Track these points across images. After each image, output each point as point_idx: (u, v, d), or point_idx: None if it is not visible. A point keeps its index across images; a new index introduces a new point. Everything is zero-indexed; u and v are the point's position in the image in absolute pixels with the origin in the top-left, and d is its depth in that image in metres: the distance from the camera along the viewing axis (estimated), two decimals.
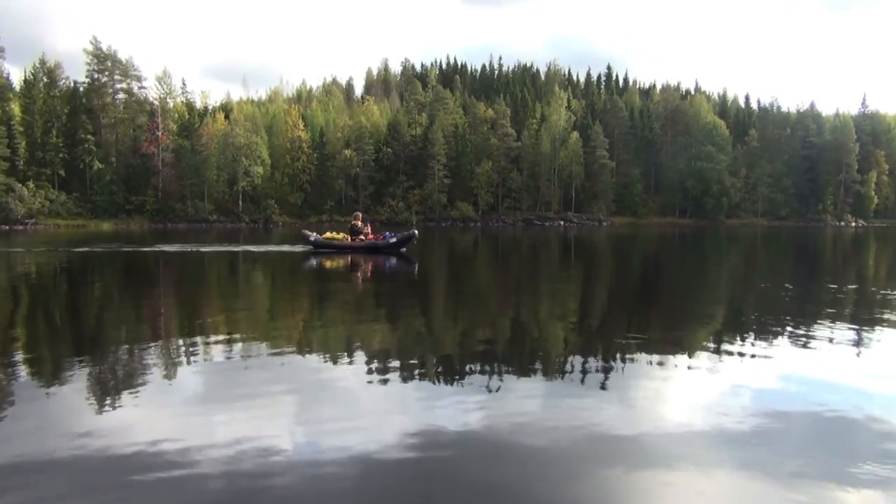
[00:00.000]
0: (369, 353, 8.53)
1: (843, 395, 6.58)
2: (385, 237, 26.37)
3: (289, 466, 4.69)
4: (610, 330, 10.98)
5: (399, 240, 26.02)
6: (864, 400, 6.37)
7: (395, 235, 26.50)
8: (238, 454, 4.88)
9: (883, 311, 12.57)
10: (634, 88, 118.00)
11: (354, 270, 20.30)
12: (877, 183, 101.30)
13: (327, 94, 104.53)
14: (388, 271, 20.28)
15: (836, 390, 6.78)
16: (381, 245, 25.81)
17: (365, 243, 26.01)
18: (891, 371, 7.53)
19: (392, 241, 25.84)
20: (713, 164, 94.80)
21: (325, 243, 26.39)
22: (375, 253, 25.10)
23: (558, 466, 4.75)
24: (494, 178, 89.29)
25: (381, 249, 25.56)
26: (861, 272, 23.13)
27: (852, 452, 5.02)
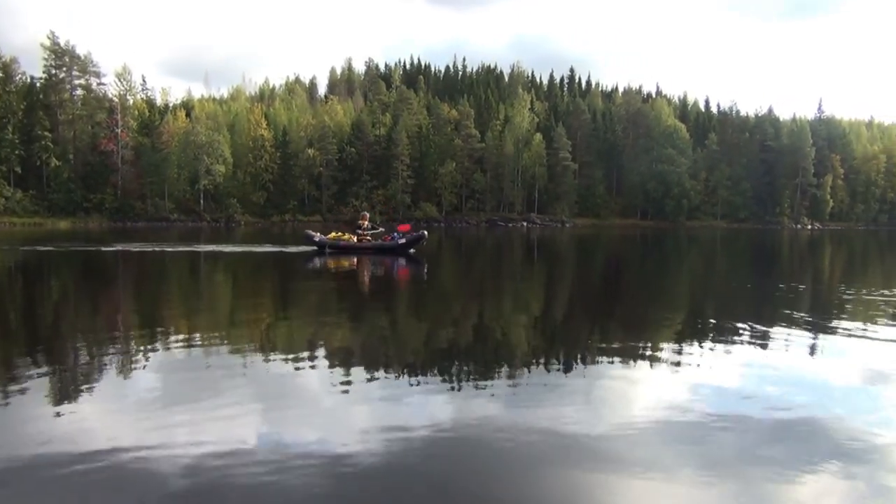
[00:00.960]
0: (333, 352, 8.49)
1: (801, 394, 6.70)
2: (393, 238, 25.90)
3: (252, 467, 4.64)
4: (572, 331, 11.08)
5: (408, 241, 25.70)
6: (821, 399, 6.49)
7: (404, 236, 26.13)
8: (201, 455, 4.81)
9: (838, 311, 12.86)
10: (597, 91, 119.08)
11: (359, 272, 20.03)
12: (832, 187, 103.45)
13: (290, 92, 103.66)
14: (395, 272, 20.01)
15: (795, 390, 6.90)
16: (389, 246, 25.39)
17: (372, 244, 25.64)
18: (846, 370, 7.70)
19: (401, 242, 25.47)
20: (674, 166, 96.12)
21: (331, 244, 25.85)
22: (383, 254, 24.71)
23: (523, 466, 4.77)
24: (458, 179, 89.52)
25: (389, 250, 25.15)
26: (817, 273, 23.64)
27: (810, 451, 5.11)
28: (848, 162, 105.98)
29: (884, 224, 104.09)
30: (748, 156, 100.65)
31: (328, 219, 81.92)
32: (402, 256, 24.49)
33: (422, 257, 24.54)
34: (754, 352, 8.81)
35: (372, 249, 25.34)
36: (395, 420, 5.67)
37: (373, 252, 25.04)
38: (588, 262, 26.58)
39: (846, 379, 7.35)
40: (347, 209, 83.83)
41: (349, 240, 25.91)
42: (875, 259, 33.01)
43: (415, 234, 26.73)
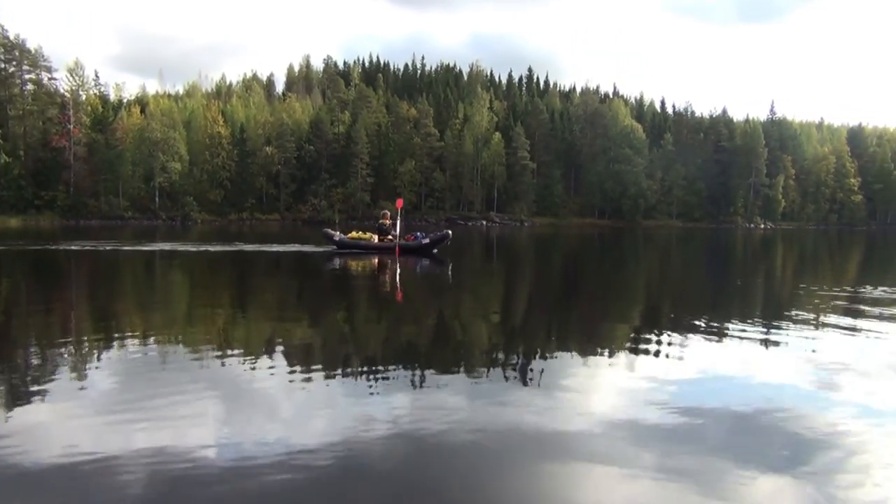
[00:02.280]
0: (293, 352, 8.44)
1: (756, 389, 6.83)
2: (416, 237, 25.31)
3: (212, 469, 4.58)
4: (532, 328, 11.16)
5: (432, 240, 25.14)
6: (775, 393, 6.61)
7: (428, 236, 25.64)
8: (158, 459, 4.72)
9: (791, 307, 13.16)
10: (555, 91, 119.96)
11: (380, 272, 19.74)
12: (784, 187, 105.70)
13: (248, 89, 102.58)
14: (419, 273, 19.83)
15: (750, 385, 7.04)
16: (412, 246, 24.74)
17: (393, 244, 24.83)
18: (799, 365, 7.86)
19: (425, 242, 24.88)
20: (630, 166, 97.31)
21: (351, 243, 25.24)
22: (406, 254, 24.09)
23: (484, 462, 4.79)
24: (417, 178, 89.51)
25: (412, 250, 24.54)
26: (770, 271, 24.14)
27: (765, 445, 5.21)
28: (799, 163, 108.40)
29: (833, 223, 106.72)
30: (703, 156, 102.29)
31: (286, 217, 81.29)
32: (426, 256, 23.99)
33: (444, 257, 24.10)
34: (711, 347, 8.97)
35: (393, 249, 24.54)
36: (356, 419, 5.64)
37: (394, 252, 24.28)
38: (547, 260, 26.74)
39: (801, 373, 7.50)
40: (306, 208, 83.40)
41: (370, 239, 25.24)
42: (825, 257, 33.83)
43: (439, 233, 26.17)
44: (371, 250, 24.68)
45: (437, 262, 22.68)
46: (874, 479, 4.65)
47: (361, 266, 21.04)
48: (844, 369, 7.67)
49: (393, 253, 24.08)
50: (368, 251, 24.63)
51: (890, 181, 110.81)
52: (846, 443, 5.29)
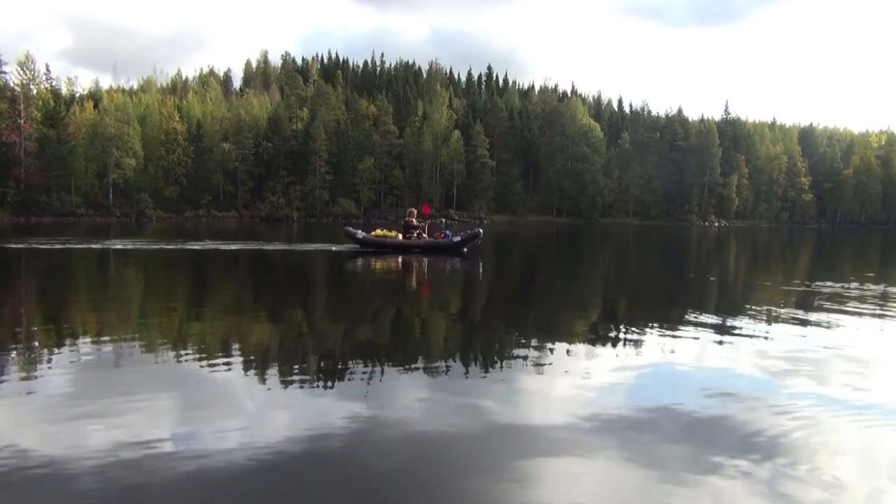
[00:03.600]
0: (251, 349, 8.40)
1: (711, 381, 6.97)
2: (446, 236, 24.83)
3: (169, 469, 4.53)
4: (491, 324, 11.24)
5: (462, 239, 24.62)
6: (729, 385, 6.76)
7: (458, 234, 25.15)
8: (113, 459, 4.65)
9: (743, 301, 13.48)
10: (514, 89, 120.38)
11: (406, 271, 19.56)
12: (738, 186, 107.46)
13: (204, 85, 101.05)
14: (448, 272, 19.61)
15: (705, 377, 7.19)
16: (442, 244, 24.26)
17: (422, 242, 24.37)
18: (752, 357, 8.04)
19: (455, 241, 24.36)
20: (588, 164, 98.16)
21: (376, 242, 24.63)
22: (434, 253, 23.64)
23: (445, 458, 4.83)
24: (377, 175, 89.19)
25: (442, 249, 24.08)
26: (723, 266, 24.63)
27: (721, 435, 5.34)
28: (752, 162, 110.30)
29: (785, 221, 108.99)
30: (659, 155, 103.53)
31: (244, 215, 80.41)
32: (457, 255, 23.61)
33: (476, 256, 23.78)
34: (668, 341, 9.13)
35: (422, 248, 24.15)
36: (316, 416, 5.64)
37: (424, 251, 23.92)
38: (506, 257, 26.89)
39: (754, 365, 7.68)
40: (264, 205, 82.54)
41: (395, 237, 24.66)
42: (777, 254, 34.60)
43: (469, 231, 25.62)
44: (395, 249, 24.15)
45: (467, 261, 22.41)
46: (826, 465, 4.80)
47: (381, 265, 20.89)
48: (795, 361, 7.90)
49: (418, 252, 23.69)
50: (393, 250, 24.10)
51: (839, 180, 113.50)
52: (799, 431, 5.44)
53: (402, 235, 24.68)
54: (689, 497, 4.27)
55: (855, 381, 7.09)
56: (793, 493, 4.31)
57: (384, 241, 24.51)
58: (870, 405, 6.23)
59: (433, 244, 24.25)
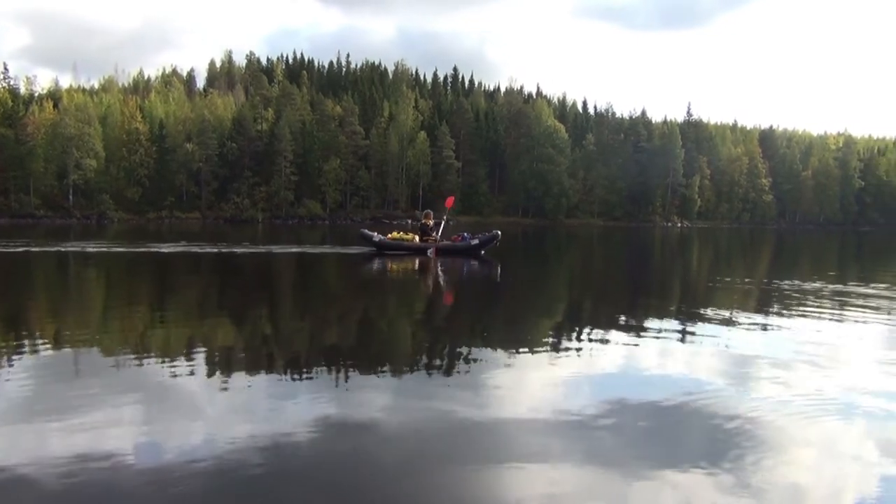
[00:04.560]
0: (213, 353, 8.34)
1: (674, 380, 7.09)
2: (464, 238, 24.49)
3: (132, 477, 4.46)
4: (455, 325, 11.28)
5: (481, 241, 24.33)
6: (692, 384, 6.86)
7: (477, 237, 24.85)
8: (74, 467, 4.55)
9: (705, 301, 13.71)
10: (479, 90, 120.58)
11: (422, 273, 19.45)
12: (700, 187, 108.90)
13: (167, 84, 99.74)
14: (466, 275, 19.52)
15: (668, 377, 7.31)
16: (460, 247, 23.96)
17: (440, 245, 24.01)
18: (714, 356, 8.19)
19: (473, 244, 24.07)
20: (553, 166, 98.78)
21: (392, 244, 24.30)
22: (453, 255, 23.40)
23: (413, 460, 4.85)
24: (343, 176, 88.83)
25: (460, 251, 23.80)
26: (686, 266, 25.00)
27: (684, 434, 5.46)
28: (714, 163, 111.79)
29: (746, 222, 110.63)
30: (623, 156, 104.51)
31: (207, 216, 79.62)
32: (475, 258, 23.43)
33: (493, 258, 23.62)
34: (632, 341, 9.24)
35: (440, 251, 23.81)
36: (281, 421, 5.61)
37: (441, 254, 23.60)
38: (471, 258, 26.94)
39: (716, 365, 7.82)
40: (228, 206, 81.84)
41: (412, 240, 24.38)
42: (738, 254, 35.17)
43: (487, 234, 25.33)
44: (412, 251, 23.90)
45: (485, 264, 22.30)
46: (789, 461, 4.93)
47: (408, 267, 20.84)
48: (757, 359, 8.06)
49: (440, 254, 23.47)
50: (409, 252, 23.82)
51: (798, 182, 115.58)
52: (761, 428, 5.55)
53: (418, 238, 24.47)
54: (654, 495, 4.33)
55: (815, 377, 7.25)
56: (757, 489, 4.40)
57: (402, 244, 24.33)
58: (830, 401, 6.37)
59: (451, 247, 24.08)
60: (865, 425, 5.80)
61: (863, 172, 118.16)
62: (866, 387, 6.96)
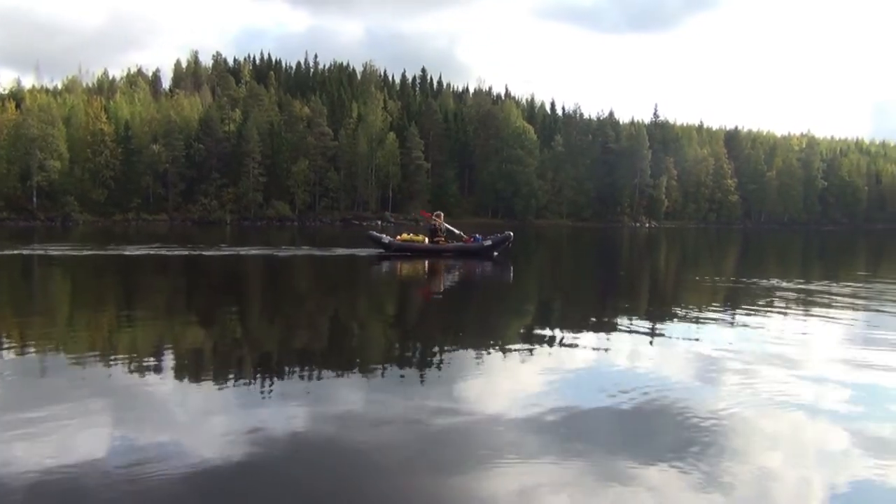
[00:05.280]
0: (183, 356, 8.30)
1: (644, 378, 7.15)
2: (476, 239, 24.31)
3: (102, 481, 4.40)
4: (426, 326, 11.33)
5: (494, 242, 24.21)
6: (662, 386, 6.92)
7: (489, 238, 24.70)
8: (42, 473, 4.48)
9: (674, 300, 13.92)
10: (448, 92, 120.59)
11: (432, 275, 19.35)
12: (667, 187, 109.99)
13: (132, 85, 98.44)
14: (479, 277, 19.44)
15: (638, 375, 7.38)
16: (473, 248, 23.84)
17: (452, 246, 23.95)
18: (684, 357, 8.31)
19: (486, 245, 23.95)
20: (522, 166, 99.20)
21: (403, 246, 24.07)
22: (466, 257, 23.30)
23: (386, 462, 4.85)
24: (311, 177, 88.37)
25: (472, 253, 23.66)
26: (654, 266, 25.29)
27: (654, 431, 5.53)
28: (681, 164, 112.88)
29: (712, 222, 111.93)
30: (591, 157, 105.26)
31: (175, 218, 78.77)
32: (488, 259, 23.30)
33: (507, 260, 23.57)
34: (602, 340, 9.37)
35: (452, 252, 23.75)
36: (253, 423, 5.56)
37: (453, 255, 23.53)
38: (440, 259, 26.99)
39: (684, 363, 7.94)
40: (196, 207, 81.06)
41: (422, 241, 24.22)
42: (705, 253, 35.67)
43: (500, 235, 25.29)
44: (422, 253, 23.77)
45: (498, 265, 22.25)
46: (757, 457, 5.02)
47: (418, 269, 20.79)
48: (724, 357, 8.20)
49: (446, 255, 23.43)
50: (422, 254, 23.69)
51: (763, 182, 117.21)
52: (729, 425, 5.66)
53: (428, 239, 24.38)
54: (628, 491, 4.40)
55: (782, 374, 7.39)
56: (726, 485, 4.49)
57: (412, 246, 24.21)
58: (796, 398, 6.51)
59: (464, 248, 24.00)
60: (831, 420, 5.93)
61: (825, 173, 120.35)
62: (832, 383, 7.14)
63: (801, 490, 4.57)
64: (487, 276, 20.47)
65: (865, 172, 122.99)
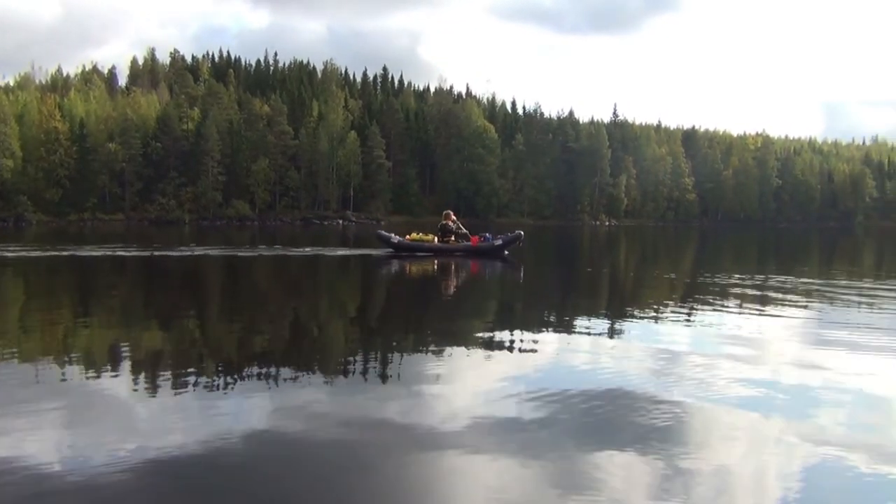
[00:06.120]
0: (140, 359, 8.18)
1: (605, 378, 7.19)
2: (486, 239, 24.16)
3: (59, 488, 4.29)
4: (388, 325, 11.34)
5: (504, 242, 24.08)
6: (622, 381, 6.98)
7: (499, 237, 24.56)
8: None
9: (634, 298, 14.10)
10: (410, 91, 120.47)
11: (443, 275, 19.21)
12: (626, 186, 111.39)
13: (87, 82, 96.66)
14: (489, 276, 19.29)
15: (599, 372, 7.45)
16: (483, 248, 23.62)
17: (461, 246, 23.69)
18: (644, 353, 8.38)
19: (497, 244, 23.81)
20: (483, 165, 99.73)
21: (411, 246, 23.86)
22: (476, 256, 23.09)
23: (351, 461, 4.84)
24: (272, 176, 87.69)
25: (483, 253, 23.46)
26: (615, 263, 25.59)
27: (616, 429, 5.56)
28: (639, 163, 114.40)
29: (670, 220, 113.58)
30: (552, 156, 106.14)
31: (132, 217, 77.58)
32: (499, 259, 23.14)
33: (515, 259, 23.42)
34: (563, 337, 9.45)
35: (462, 252, 23.56)
36: (215, 426, 5.51)
37: (464, 255, 23.35)
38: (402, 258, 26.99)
39: (643, 360, 8.00)
40: (153, 207, 79.96)
41: (431, 241, 24.01)
42: (664, 251, 36.20)
43: (510, 234, 25.15)
44: (434, 253, 23.62)
45: (509, 265, 22.16)
46: (716, 451, 5.12)
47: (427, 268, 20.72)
48: (683, 353, 8.33)
49: (456, 255, 23.32)
50: (431, 254, 23.54)
51: (719, 181, 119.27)
52: (688, 420, 5.77)
53: (437, 239, 24.24)
54: (589, 484, 4.45)
55: (739, 369, 7.53)
56: (685, 479, 4.56)
57: (421, 245, 24.08)
58: (753, 392, 6.65)
59: (473, 248, 23.88)
60: (786, 412, 6.06)
61: (780, 172, 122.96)
62: (786, 376, 7.31)
63: (756, 480, 4.66)
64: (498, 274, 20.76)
65: (818, 171, 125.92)
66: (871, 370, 7.62)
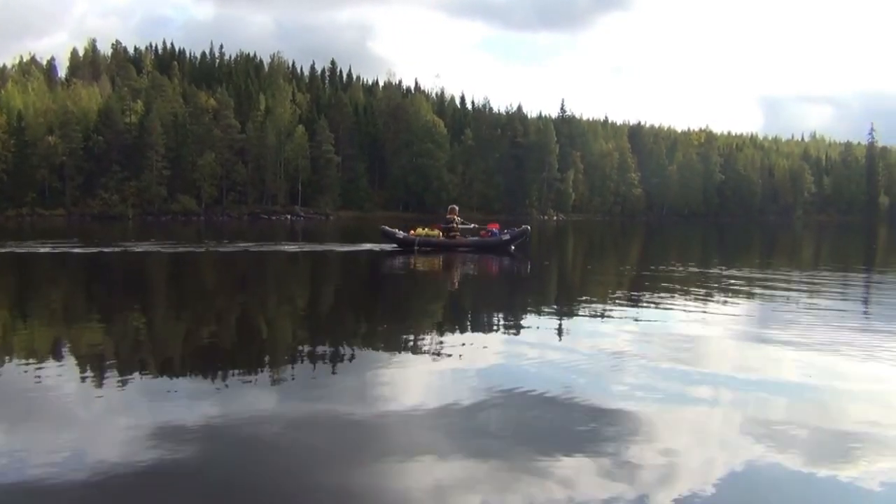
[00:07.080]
0: (84, 356, 8.03)
1: (553, 373, 7.32)
2: (493, 234, 23.90)
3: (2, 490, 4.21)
4: (338, 322, 11.32)
5: (511, 237, 23.95)
6: (569, 379, 7.05)
7: (507, 232, 24.30)
8: None
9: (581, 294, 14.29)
10: (358, 85, 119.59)
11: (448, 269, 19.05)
12: (574, 181, 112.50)
13: (25, 74, 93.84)
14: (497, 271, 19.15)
15: (547, 370, 7.55)
16: (491, 243, 23.49)
17: (470, 241, 23.59)
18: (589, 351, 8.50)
19: (504, 239, 23.63)
20: (433, 160, 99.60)
21: (422, 241, 23.57)
22: (483, 251, 22.99)
23: (301, 457, 4.86)
24: (218, 171, 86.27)
25: (490, 248, 23.32)
26: (562, 258, 25.89)
27: (563, 424, 5.67)
28: (587, 158, 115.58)
29: (617, 215, 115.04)
30: (500, 151, 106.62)
31: (73, 212, 75.63)
32: (506, 254, 23.02)
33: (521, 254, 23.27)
34: (511, 336, 9.59)
35: (469, 247, 23.47)
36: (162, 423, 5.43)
37: (471, 250, 23.25)
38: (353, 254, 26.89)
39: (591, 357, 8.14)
40: (95, 202, 78.00)
41: (437, 236, 23.78)
42: (611, 245, 36.74)
43: (517, 229, 25.04)
44: (441, 248, 23.51)
45: (516, 260, 22.11)
46: (662, 441, 5.25)
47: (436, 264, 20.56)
48: (628, 350, 8.47)
49: (466, 250, 23.21)
50: (438, 249, 23.42)
51: (665, 176, 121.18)
52: (634, 415, 5.87)
53: (442, 234, 24.14)
54: (537, 481, 4.52)
55: (685, 360, 7.73)
56: (634, 468, 4.69)
57: (428, 241, 23.92)
58: (698, 383, 6.83)
59: (481, 243, 23.85)
60: (730, 406, 6.26)
61: (723, 167, 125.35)
62: (729, 371, 7.52)
63: (701, 472, 4.78)
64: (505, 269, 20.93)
65: (759, 166, 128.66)
66: (809, 363, 7.86)
